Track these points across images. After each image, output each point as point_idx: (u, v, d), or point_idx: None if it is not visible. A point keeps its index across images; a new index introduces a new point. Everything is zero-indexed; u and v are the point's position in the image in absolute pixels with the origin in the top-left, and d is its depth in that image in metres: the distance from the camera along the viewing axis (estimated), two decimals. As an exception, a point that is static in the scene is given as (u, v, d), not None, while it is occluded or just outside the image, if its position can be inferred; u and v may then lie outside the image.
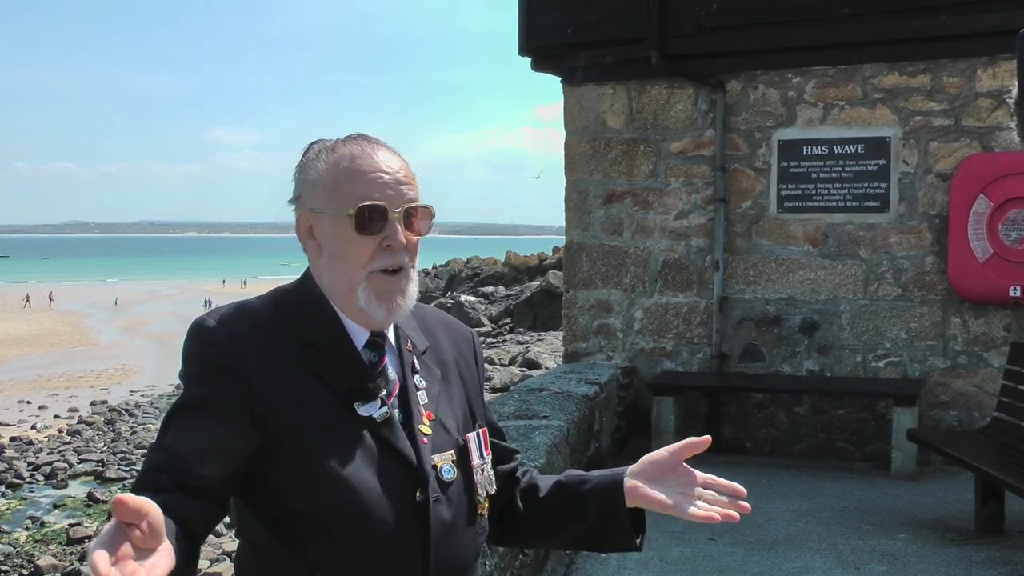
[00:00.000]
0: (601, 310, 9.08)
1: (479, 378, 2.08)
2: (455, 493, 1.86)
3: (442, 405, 1.91)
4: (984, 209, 7.79)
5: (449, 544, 1.83)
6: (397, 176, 1.81)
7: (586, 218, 9.12)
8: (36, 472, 19.51)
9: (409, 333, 1.94)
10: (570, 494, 2.01)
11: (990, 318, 7.99)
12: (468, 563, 1.91)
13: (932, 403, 8.10)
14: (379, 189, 1.79)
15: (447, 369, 1.98)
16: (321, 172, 1.82)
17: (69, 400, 27.40)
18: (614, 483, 1.93)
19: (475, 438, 1.93)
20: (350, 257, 1.79)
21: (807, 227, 8.46)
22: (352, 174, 1.79)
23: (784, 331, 8.53)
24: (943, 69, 8.05)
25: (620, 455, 8.28)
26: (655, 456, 1.90)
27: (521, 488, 2.08)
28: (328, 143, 1.86)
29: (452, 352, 2.02)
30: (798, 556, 5.88)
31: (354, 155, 1.81)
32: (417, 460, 1.81)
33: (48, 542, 14.99)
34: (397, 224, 1.79)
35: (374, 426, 1.78)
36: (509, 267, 33.66)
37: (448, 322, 2.10)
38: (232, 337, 1.76)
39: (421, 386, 1.89)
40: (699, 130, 8.73)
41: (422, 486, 1.80)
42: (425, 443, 1.83)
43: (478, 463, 1.91)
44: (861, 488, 7.41)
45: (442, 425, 1.88)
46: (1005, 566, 5.63)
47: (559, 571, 5.54)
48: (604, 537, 1.99)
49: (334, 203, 1.79)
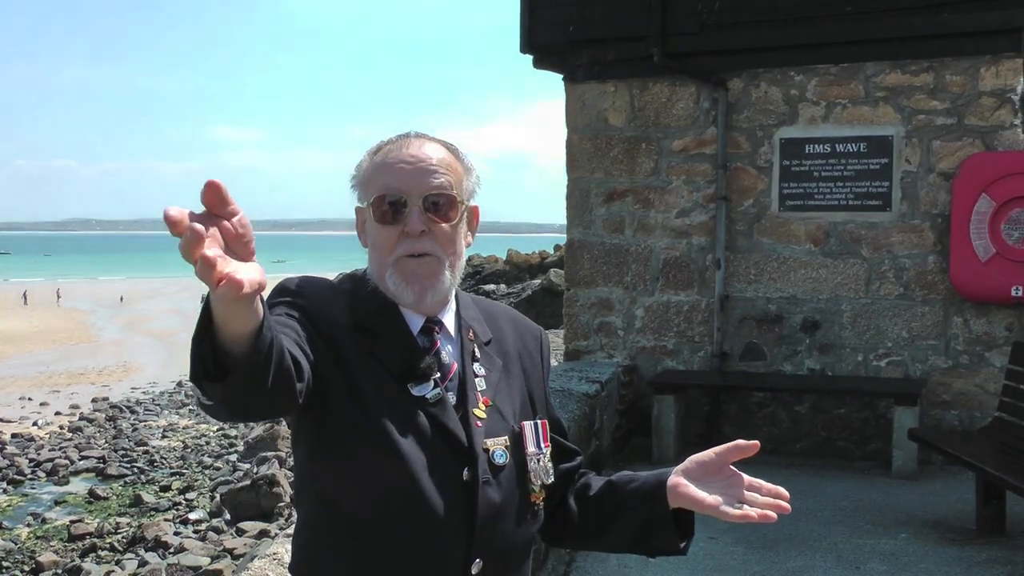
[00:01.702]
0: (602, 308, 9.07)
1: (544, 373, 2.10)
2: (506, 478, 1.88)
3: (500, 393, 1.94)
4: (986, 208, 7.77)
5: (497, 527, 1.85)
6: (423, 165, 1.85)
7: (587, 216, 9.11)
8: (37, 468, 19.51)
9: (472, 323, 1.99)
10: (617, 493, 2.01)
11: (992, 318, 7.97)
12: (518, 548, 1.93)
13: (933, 403, 8.08)
14: (399, 179, 1.84)
15: (509, 360, 2.01)
16: (362, 169, 1.92)
17: (71, 397, 27.40)
18: (658, 482, 1.93)
19: (531, 427, 1.96)
20: (380, 246, 1.86)
21: (809, 226, 8.45)
22: (379, 167, 1.88)
23: (785, 330, 8.52)
24: (946, 68, 8.03)
25: (620, 454, 8.28)
26: (701, 456, 1.89)
27: (575, 488, 2.09)
28: (380, 143, 1.94)
29: (516, 345, 2.06)
30: (798, 555, 5.87)
31: (389, 150, 1.89)
32: (468, 441, 1.84)
33: (49, 538, 14.98)
34: (416, 211, 1.83)
35: (426, 406, 1.82)
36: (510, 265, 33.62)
37: (516, 318, 2.14)
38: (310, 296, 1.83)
39: (480, 373, 1.93)
40: (701, 128, 8.72)
41: (471, 466, 1.83)
42: (479, 426, 1.87)
43: (533, 451, 1.93)
44: (862, 487, 7.40)
45: (498, 411, 1.92)
46: (1006, 566, 5.62)
47: (559, 569, 5.54)
48: (649, 538, 1.97)
49: (365, 196, 1.89)
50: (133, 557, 13.34)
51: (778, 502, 1.83)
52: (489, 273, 32.72)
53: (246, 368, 1.42)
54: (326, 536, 1.82)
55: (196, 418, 24.48)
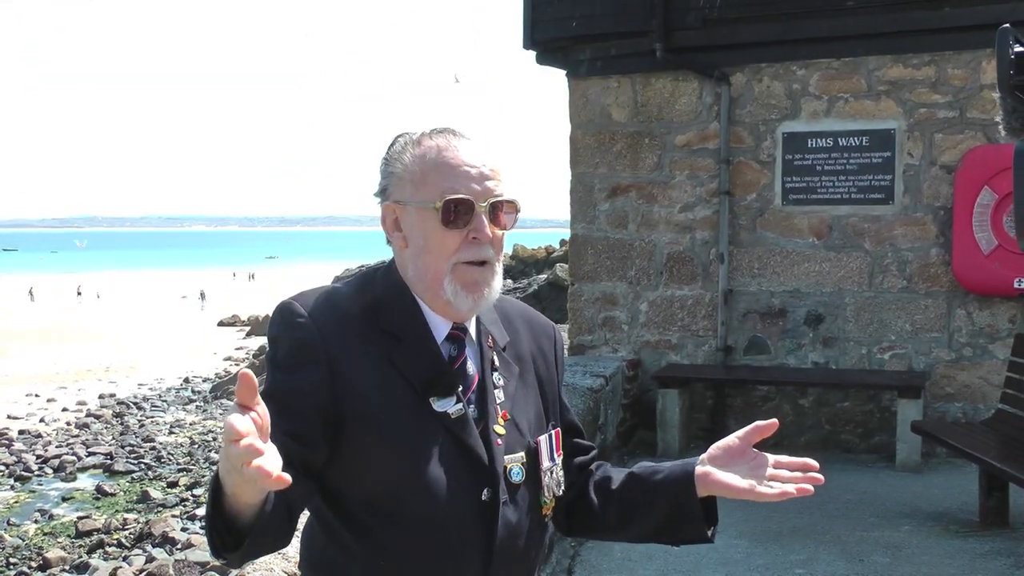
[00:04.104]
0: (606, 303, 9.10)
1: (557, 375, 2.07)
2: (522, 495, 1.87)
3: (517, 404, 1.92)
4: (989, 201, 7.79)
5: (513, 545, 1.85)
6: (483, 170, 1.82)
7: (591, 211, 9.13)
8: (45, 465, 19.54)
9: (490, 328, 1.94)
10: (641, 485, 1.99)
11: (995, 310, 7.99)
12: (529, 560, 1.93)
13: (937, 395, 8.10)
14: (465, 183, 1.80)
15: (524, 366, 1.97)
16: (407, 165, 1.84)
17: (78, 393, 27.44)
18: (685, 472, 1.92)
19: (546, 440, 1.93)
20: (436, 249, 1.80)
21: (812, 219, 8.47)
22: (439, 167, 1.81)
23: (789, 323, 8.54)
24: (947, 61, 8.04)
25: (625, 448, 8.31)
26: (725, 443, 1.90)
27: (595, 480, 2.07)
28: (414, 136, 1.87)
29: (531, 347, 2.02)
30: (802, 548, 5.90)
31: (441, 148, 1.83)
32: (489, 461, 1.82)
33: (57, 535, 15.03)
34: (483, 217, 1.80)
35: (448, 422, 1.79)
36: (516, 260, 33.61)
37: (530, 316, 2.08)
38: (316, 320, 1.78)
39: (499, 384, 1.90)
40: (704, 123, 8.73)
41: (491, 486, 1.81)
42: (499, 444, 1.84)
43: (547, 466, 1.92)
44: (866, 480, 7.43)
45: (516, 425, 1.89)
46: (1009, 557, 5.64)
47: (563, 563, 5.57)
48: (676, 528, 1.97)
49: (420, 196, 1.81)
50: (140, 553, 13.38)
51: (810, 474, 1.84)
52: (494, 268, 32.69)
53: (258, 531, 1.55)
54: (340, 555, 1.81)
55: (203, 414, 24.54)
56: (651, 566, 5.58)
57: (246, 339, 39.30)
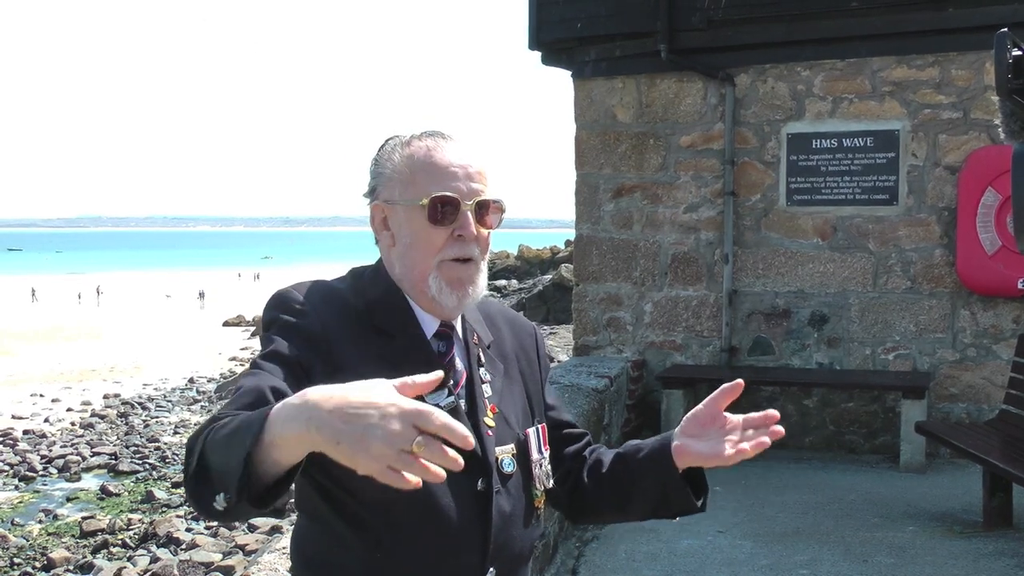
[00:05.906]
0: (611, 303, 9.11)
1: (541, 373, 2.11)
2: (514, 486, 1.91)
3: (505, 399, 1.96)
4: (993, 201, 7.79)
5: (507, 535, 1.88)
6: (469, 171, 1.87)
7: (596, 212, 9.14)
8: (49, 465, 19.55)
9: (475, 327, 1.99)
10: (627, 464, 2.03)
11: (999, 310, 7.99)
12: (523, 555, 1.96)
13: (941, 396, 8.11)
14: (452, 182, 1.85)
15: (508, 364, 2.03)
16: (396, 165, 1.90)
17: (82, 393, 27.44)
18: (662, 446, 1.95)
19: (534, 433, 1.98)
20: (423, 246, 1.86)
21: (816, 220, 8.48)
22: (427, 167, 1.87)
23: (793, 324, 8.55)
24: (952, 62, 8.05)
25: (629, 448, 8.31)
26: (694, 411, 1.91)
27: (588, 466, 2.10)
28: (403, 138, 1.93)
29: (514, 346, 2.07)
30: (807, 548, 5.90)
31: (429, 149, 1.88)
32: (482, 451, 1.85)
33: (61, 535, 15.04)
34: (469, 216, 1.85)
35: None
36: (522, 260, 33.64)
37: (511, 317, 2.14)
38: (314, 306, 1.82)
39: (486, 379, 1.95)
40: (708, 124, 8.74)
41: (485, 476, 1.85)
42: (490, 435, 1.88)
43: (537, 458, 1.96)
44: (870, 481, 7.43)
45: (504, 419, 1.94)
46: (1013, 558, 5.64)
47: (568, 563, 5.58)
48: (666, 502, 1.99)
49: (409, 195, 1.87)
50: (145, 553, 13.39)
51: (772, 428, 1.84)
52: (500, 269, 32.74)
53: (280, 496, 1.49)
54: (336, 548, 1.82)
55: (207, 415, 24.55)
56: (655, 566, 5.58)
57: (251, 339, 39.32)
